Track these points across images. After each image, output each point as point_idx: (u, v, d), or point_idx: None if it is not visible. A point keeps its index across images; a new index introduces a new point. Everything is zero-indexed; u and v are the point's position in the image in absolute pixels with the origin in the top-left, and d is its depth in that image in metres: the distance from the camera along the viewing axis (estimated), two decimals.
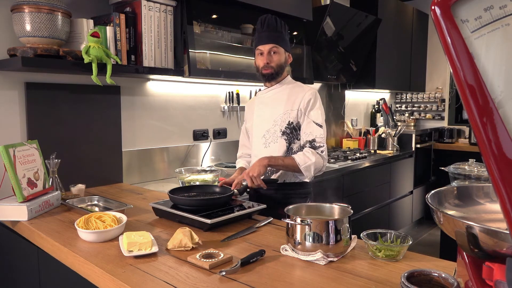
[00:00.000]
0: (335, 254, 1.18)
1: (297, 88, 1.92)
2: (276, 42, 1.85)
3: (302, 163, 1.79)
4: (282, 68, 1.90)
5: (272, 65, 1.86)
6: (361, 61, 4.05)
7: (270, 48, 1.85)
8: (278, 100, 1.92)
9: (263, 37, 1.85)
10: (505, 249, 0.65)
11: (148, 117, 2.55)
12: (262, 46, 1.86)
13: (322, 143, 1.84)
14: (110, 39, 2.04)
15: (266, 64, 1.86)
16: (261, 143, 1.93)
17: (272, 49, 1.85)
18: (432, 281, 0.87)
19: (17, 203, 1.58)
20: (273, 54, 1.86)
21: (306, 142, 1.85)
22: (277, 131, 1.89)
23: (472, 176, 2.31)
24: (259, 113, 1.98)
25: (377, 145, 4.23)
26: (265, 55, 1.85)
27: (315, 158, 1.79)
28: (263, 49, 1.86)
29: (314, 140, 1.84)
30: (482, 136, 0.53)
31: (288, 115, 1.88)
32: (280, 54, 1.87)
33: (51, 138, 2.05)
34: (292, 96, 1.89)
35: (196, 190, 1.78)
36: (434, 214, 0.78)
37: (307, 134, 1.86)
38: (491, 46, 0.53)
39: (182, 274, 1.08)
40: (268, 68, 1.87)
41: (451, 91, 5.08)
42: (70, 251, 1.27)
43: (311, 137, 1.84)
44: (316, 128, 1.84)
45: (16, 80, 1.99)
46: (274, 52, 1.85)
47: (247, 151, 2.14)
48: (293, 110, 1.87)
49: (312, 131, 1.84)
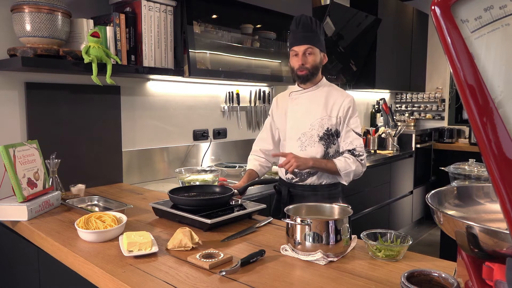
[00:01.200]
0: (335, 254, 1.18)
1: (334, 93, 1.91)
2: (311, 43, 1.82)
3: (343, 169, 1.83)
4: (317, 69, 1.88)
5: (307, 66, 1.84)
6: (361, 61, 4.05)
7: (305, 49, 1.82)
8: (315, 103, 1.90)
9: (298, 38, 1.83)
10: (505, 249, 0.65)
11: (148, 117, 2.55)
12: (297, 47, 1.83)
13: (362, 152, 1.89)
14: (110, 39, 2.04)
15: (301, 65, 1.83)
16: (297, 146, 1.91)
17: (307, 50, 1.82)
18: (432, 281, 0.87)
19: (17, 203, 1.58)
20: (308, 55, 1.83)
21: (346, 151, 1.88)
22: (314, 136, 1.88)
23: (472, 176, 2.31)
24: (294, 115, 1.94)
25: (377, 145, 4.23)
26: (300, 56, 1.83)
27: (355, 165, 1.84)
28: (298, 50, 1.83)
29: (355, 149, 1.87)
30: (482, 136, 0.53)
31: (326, 121, 1.87)
32: (315, 55, 1.84)
33: (51, 138, 2.05)
34: (330, 101, 1.88)
35: (196, 190, 1.78)
36: (434, 214, 0.78)
37: (347, 143, 1.88)
38: (491, 46, 0.53)
39: (182, 274, 1.08)
40: (304, 70, 1.84)
41: (451, 91, 5.08)
42: (70, 251, 1.27)
43: (352, 146, 1.87)
44: (356, 138, 1.88)
45: (16, 80, 1.99)
46: (309, 53, 1.83)
47: (265, 146, 2.06)
48: (332, 117, 1.87)
49: (353, 141, 1.88)
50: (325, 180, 1.92)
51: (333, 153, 1.92)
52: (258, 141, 2.12)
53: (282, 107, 2.02)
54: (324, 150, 1.89)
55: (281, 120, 2.01)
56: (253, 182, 1.93)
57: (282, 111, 2.01)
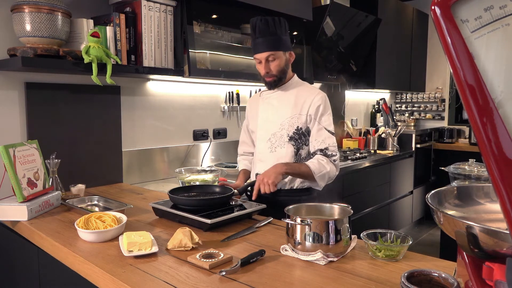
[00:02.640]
0: (335, 254, 1.18)
1: (305, 91, 1.85)
2: (272, 49, 1.75)
3: (317, 171, 1.74)
4: (284, 72, 1.82)
5: (272, 73, 1.79)
6: (361, 61, 4.05)
7: (267, 56, 1.76)
8: (284, 102, 1.85)
9: (258, 45, 1.76)
10: (505, 249, 0.65)
11: (148, 117, 2.55)
12: (258, 55, 1.78)
13: (335, 151, 1.80)
14: (110, 39, 2.04)
15: (266, 73, 1.79)
16: (267, 147, 1.86)
17: (269, 57, 1.76)
18: (432, 281, 0.87)
19: (17, 203, 1.58)
20: (271, 62, 1.77)
21: (318, 150, 1.80)
22: (284, 136, 1.82)
23: (472, 176, 2.31)
24: (264, 115, 1.90)
25: (377, 145, 4.23)
26: (263, 63, 1.78)
27: (329, 167, 1.76)
28: (260, 58, 1.78)
29: (327, 149, 1.79)
30: (482, 136, 0.53)
31: (296, 120, 1.80)
32: (279, 59, 1.78)
33: (51, 138, 2.05)
34: (301, 99, 1.82)
35: (196, 190, 1.78)
36: (434, 214, 0.78)
37: (319, 142, 1.80)
38: (491, 46, 0.53)
39: (182, 274, 1.08)
40: (270, 76, 1.80)
41: (451, 91, 5.08)
42: (70, 251, 1.27)
43: (324, 145, 1.79)
44: (328, 136, 1.80)
45: (16, 80, 1.99)
46: (271, 60, 1.77)
47: (248, 149, 2.08)
48: (302, 115, 1.80)
49: (325, 139, 1.79)
50: (296, 185, 1.84)
51: (305, 155, 1.84)
52: (240, 144, 2.12)
53: (254, 108, 1.98)
54: (294, 151, 1.81)
55: (254, 122, 1.97)
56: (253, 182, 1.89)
57: (254, 112, 1.97)
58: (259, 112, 1.94)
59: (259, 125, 1.93)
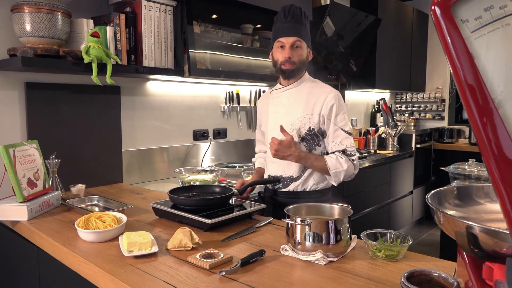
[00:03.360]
0: (335, 254, 1.18)
1: (317, 89, 1.76)
2: (300, 36, 1.66)
3: (333, 168, 1.69)
4: (303, 65, 1.74)
5: (294, 60, 1.68)
6: (361, 61, 4.05)
7: (294, 42, 1.66)
8: (296, 101, 1.76)
9: (286, 28, 1.65)
10: (505, 249, 0.65)
11: (148, 117, 2.55)
12: (284, 38, 1.66)
13: (354, 152, 1.74)
14: (110, 39, 2.04)
15: (288, 58, 1.67)
16: None
17: (296, 43, 1.66)
18: (432, 281, 0.87)
19: (17, 203, 1.58)
20: (296, 49, 1.67)
21: (336, 152, 1.74)
22: (295, 136, 1.74)
23: (472, 176, 2.31)
24: (275, 115, 1.82)
25: (377, 145, 4.23)
26: (287, 48, 1.66)
27: (347, 165, 1.70)
28: (286, 42, 1.66)
29: (346, 150, 1.73)
30: (482, 136, 0.53)
31: (308, 120, 1.72)
32: (303, 49, 1.70)
33: (51, 138, 2.05)
34: (312, 98, 1.73)
35: (196, 190, 1.78)
36: (434, 214, 0.78)
37: (336, 144, 1.73)
38: (491, 46, 0.53)
39: (182, 274, 1.08)
40: (290, 64, 1.69)
41: (451, 91, 5.08)
42: (70, 251, 1.27)
43: (342, 147, 1.72)
44: (345, 137, 1.73)
45: (16, 80, 1.99)
46: (297, 46, 1.67)
47: (263, 148, 2.03)
48: (314, 115, 1.72)
49: (342, 141, 1.72)
50: (310, 186, 1.78)
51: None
52: (256, 143, 2.12)
53: (265, 108, 1.92)
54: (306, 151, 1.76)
55: (265, 123, 1.90)
56: (253, 182, 1.86)
57: (265, 112, 1.90)
58: (269, 112, 1.87)
59: (269, 127, 1.85)
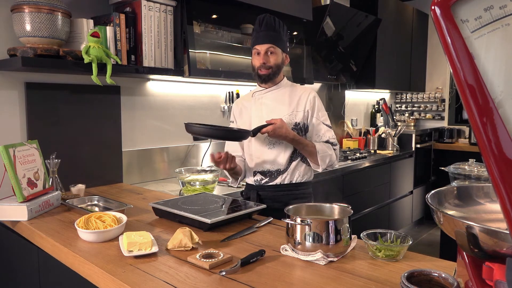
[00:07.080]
0: (335, 254, 1.18)
1: (298, 90, 1.92)
2: (274, 42, 1.82)
3: (321, 151, 1.84)
4: (279, 69, 1.88)
5: (269, 65, 1.83)
6: (361, 61, 4.05)
7: (267, 48, 1.82)
8: (279, 101, 1.89)
9: (261, 37, 1.83)
10: (505, 249, 0.65)
11: (148, 117, 2.55)
12: (259, 45, 1.83)
13: (336, 142, 1.92)
14: (110, 39, 2.04)
15: (263, 64, 1.83)
16: (265, 145, 1.88)
17: (269, 49, 1.82)
18: (432, 281, 0.87)
19: (17, 203, 1.58)
20: (270, 54, 1.83)
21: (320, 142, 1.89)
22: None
23: (472, 176, 2.31)
24: (259, 113, 1.91)
25: (377, 145, 4.23)
26: (262, 55, 1.82)
27: (332, 152, 1.88)
28: (260, 49, 1.83)
29: (328, 141, 1.90)
30: (482, 136, 0.53)
31: (294, 116, 1.87)
32: (277, 55, 1.84)
33: (51, 138, 2.05)
34: (295, 97, 1.89)
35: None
36: (434, 214, 0.78)
37: (319, 136, 1.90)
38: (491, 46, 0.53)
39: (182, 274, 1.08)
40: (265, 69, 1.84)
41: (451, 91, 5.08)
42: (70, 251, 1.27)
43: (325, 138, 1.90)
44: (327, 130, 1.91)
45: (16, 80, 1.99)
46: (271, 52, 1.83)
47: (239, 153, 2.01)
48: (299, 111, 1.87)
49: (325, 133, 1.90)
50: (295, 178, 1.89)
51: None
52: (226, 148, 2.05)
53: (246, 109, 1.98)
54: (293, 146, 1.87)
55: (246, 123, 1.96)
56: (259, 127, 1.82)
57: (246, 113, 1.98)
58: (252, 112, 1.95)
59: (253, 124, 1.90)
